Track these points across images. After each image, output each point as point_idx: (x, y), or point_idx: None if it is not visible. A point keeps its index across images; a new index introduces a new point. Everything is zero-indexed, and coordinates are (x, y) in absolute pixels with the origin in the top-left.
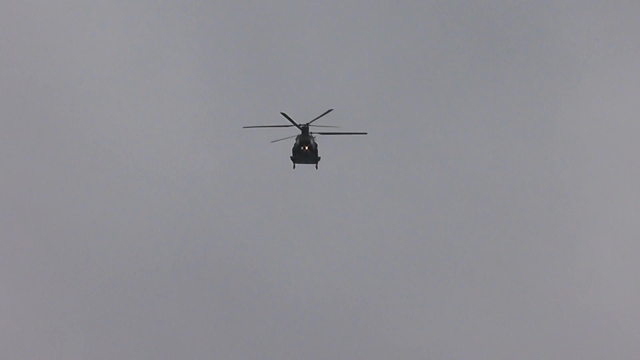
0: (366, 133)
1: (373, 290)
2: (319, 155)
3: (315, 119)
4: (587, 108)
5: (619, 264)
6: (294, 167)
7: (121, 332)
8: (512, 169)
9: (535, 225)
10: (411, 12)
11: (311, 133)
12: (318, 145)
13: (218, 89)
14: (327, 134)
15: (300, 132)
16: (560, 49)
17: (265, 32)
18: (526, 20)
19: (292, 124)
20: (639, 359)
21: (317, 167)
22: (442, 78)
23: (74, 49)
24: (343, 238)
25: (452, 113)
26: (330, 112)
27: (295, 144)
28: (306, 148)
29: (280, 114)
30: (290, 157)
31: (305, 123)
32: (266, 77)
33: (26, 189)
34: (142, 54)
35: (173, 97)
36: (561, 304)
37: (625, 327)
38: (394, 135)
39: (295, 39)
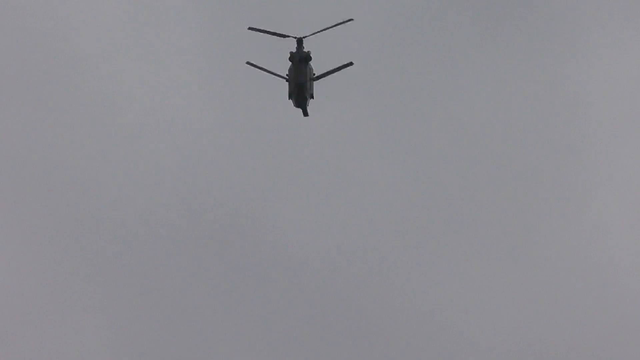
0: (352, 63)
1: (373, 245)
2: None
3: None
4: (593, 63)
5: (627, 218)
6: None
7: (124, 286)
8: (516, 125)
9: (541, 181)
10: None
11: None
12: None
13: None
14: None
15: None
16: (565, 2)
17: None
18: None
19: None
20: None
21: (306, 113)
22: (443, 33)
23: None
24: (342, 191)
25: (453, 68)
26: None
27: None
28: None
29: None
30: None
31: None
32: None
33: (27, 141)
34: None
35: (171, 48)
36: (568, 258)
37: (631, 279)
38: (394, 90)
39: None
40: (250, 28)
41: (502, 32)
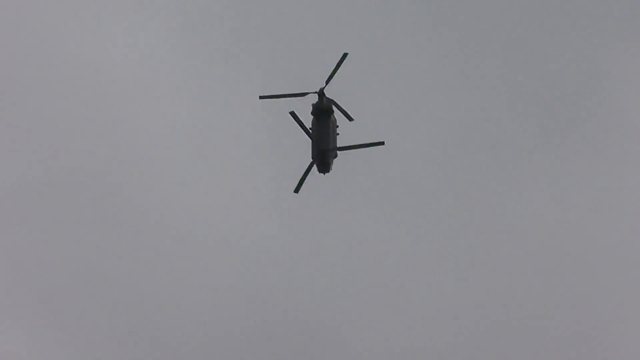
0: (384, 142)
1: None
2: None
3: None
4: None
5: None
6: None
7: None
8: (581, 237)
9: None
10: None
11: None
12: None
13: None
14: (344, 148)
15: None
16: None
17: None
18: (589, 90)
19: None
20: None
21: (326, 168)
22: (506, 150)
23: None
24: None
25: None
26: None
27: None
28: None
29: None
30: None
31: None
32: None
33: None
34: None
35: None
36: None
37: None
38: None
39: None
40: (261, 97)
41: (567, 144)
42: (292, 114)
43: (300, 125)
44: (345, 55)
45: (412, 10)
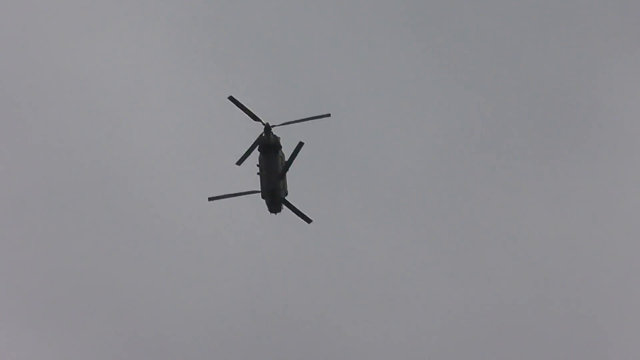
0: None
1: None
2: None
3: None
4: None
5: None
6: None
7: None
8: (576, 244)
9: (607, 299)
10: (472, 87)
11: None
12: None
13: None
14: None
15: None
16: (621, 123)
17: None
18: (584, 93)
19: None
20: None
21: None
22: (503, 154)
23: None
24: (405, 308)
25: (514, 188)
26: None
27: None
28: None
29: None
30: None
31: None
32: None
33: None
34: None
35: None
36: None
37: None
38: (451, 208)
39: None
40: (230, 98)
41: (562, 151)
42: (231, 98)
43: (242, 109)
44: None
45: (410, 10)
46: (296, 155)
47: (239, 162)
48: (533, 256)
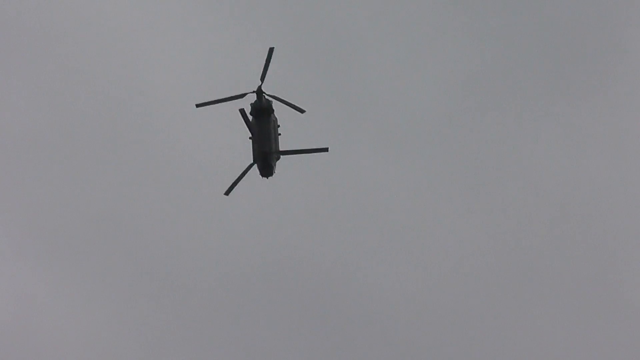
0: (327, 149)
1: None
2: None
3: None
4: None
5: None
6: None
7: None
8: (593, 179)
9: (620, 236)
10: (484, 25)
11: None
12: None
13: None
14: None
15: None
16: (637, 57)
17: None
18: (600, 27)
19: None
20: None
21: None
22: (517, 88)
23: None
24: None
25: (528, 126)
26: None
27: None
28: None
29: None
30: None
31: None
32: None
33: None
34: None
35: None
36: None
37: None
38: (469, 146)
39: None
40: (198, 105)
41: (577, 85)
42: (242, 111)
43: (247, 124)
44: (272, 49)
45: None
46: (269, 60)
47: (227, 193)
48: (549, 193)
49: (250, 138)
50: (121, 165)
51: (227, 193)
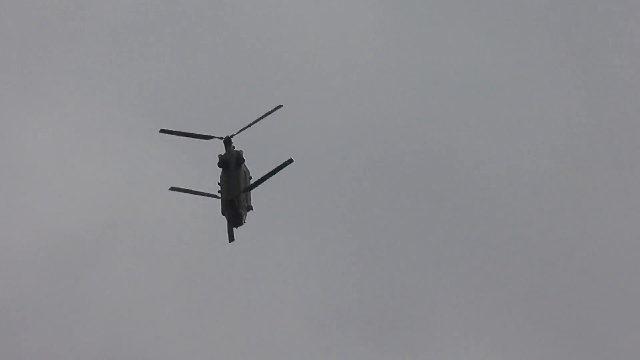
0: (292, 160)
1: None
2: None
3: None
4: None
5: None
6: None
7: None
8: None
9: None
10: None
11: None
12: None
13: None
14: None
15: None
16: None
17: None
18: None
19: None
20: None
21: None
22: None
23: None
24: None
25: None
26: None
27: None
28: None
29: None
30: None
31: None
32: None
33: None
34: None
35: None
36: None
37: None
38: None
39: None
40: (162, 131)
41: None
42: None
43: (188, 192)
44: (279, 106)
45: None
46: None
47: (231, 239)
48: None
49: (218, 192)
50: None
51: (231, 239)
